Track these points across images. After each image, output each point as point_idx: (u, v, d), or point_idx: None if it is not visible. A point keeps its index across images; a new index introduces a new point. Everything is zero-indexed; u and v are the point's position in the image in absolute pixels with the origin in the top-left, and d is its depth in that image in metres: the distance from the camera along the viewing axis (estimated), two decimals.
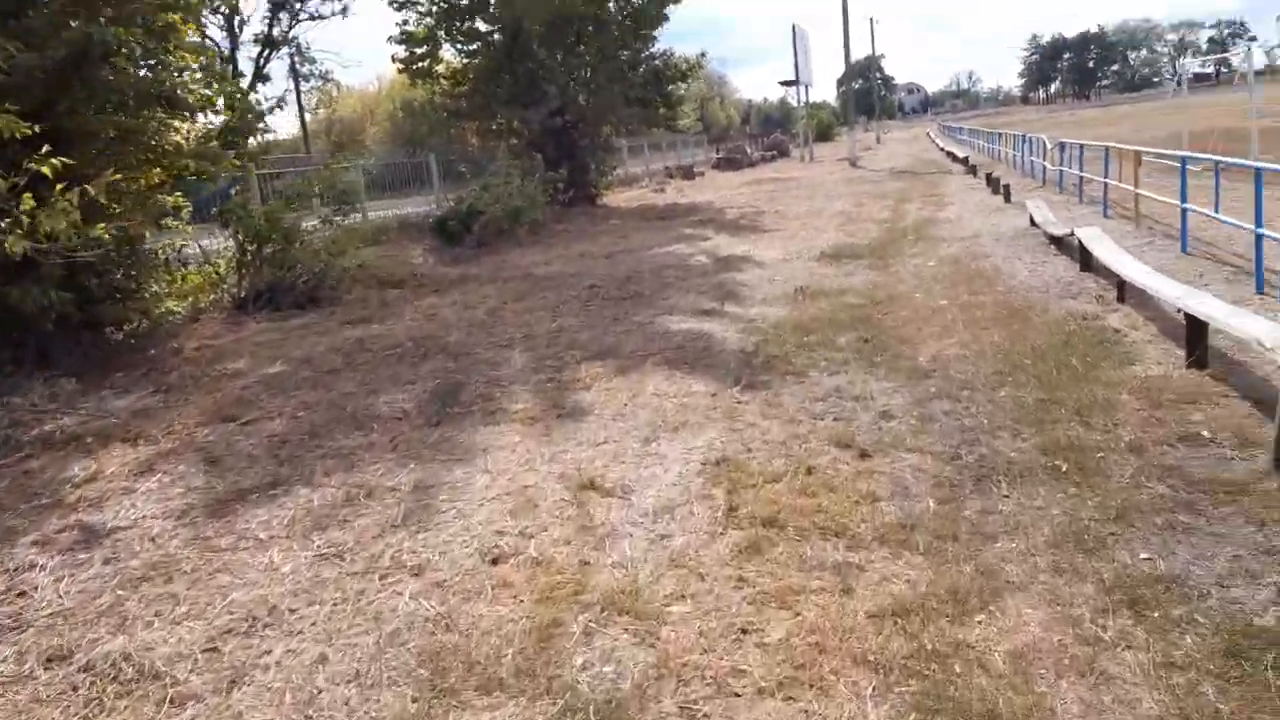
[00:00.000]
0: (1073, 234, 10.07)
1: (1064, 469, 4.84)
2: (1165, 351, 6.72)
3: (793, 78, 47.91)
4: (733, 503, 4.80)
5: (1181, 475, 4.62)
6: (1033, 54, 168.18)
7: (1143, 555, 3.93)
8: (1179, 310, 6.31)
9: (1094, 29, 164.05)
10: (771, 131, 78.75)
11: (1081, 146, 16.35)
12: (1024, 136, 24.22)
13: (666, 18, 26.26)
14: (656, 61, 26.46)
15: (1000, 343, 7.42)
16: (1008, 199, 17.79)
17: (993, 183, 19.93)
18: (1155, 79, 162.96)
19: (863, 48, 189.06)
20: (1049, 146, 20.07)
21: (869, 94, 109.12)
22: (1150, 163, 14.04)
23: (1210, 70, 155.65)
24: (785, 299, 10.36)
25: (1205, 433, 5.06)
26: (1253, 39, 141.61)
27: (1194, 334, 6.13)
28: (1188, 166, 10.62)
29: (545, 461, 5.70)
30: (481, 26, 24.94)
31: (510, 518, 4.89)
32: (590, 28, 24.65)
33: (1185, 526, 4.13)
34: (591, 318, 10.18)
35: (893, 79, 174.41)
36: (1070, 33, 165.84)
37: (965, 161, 28.61)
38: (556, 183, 21.33)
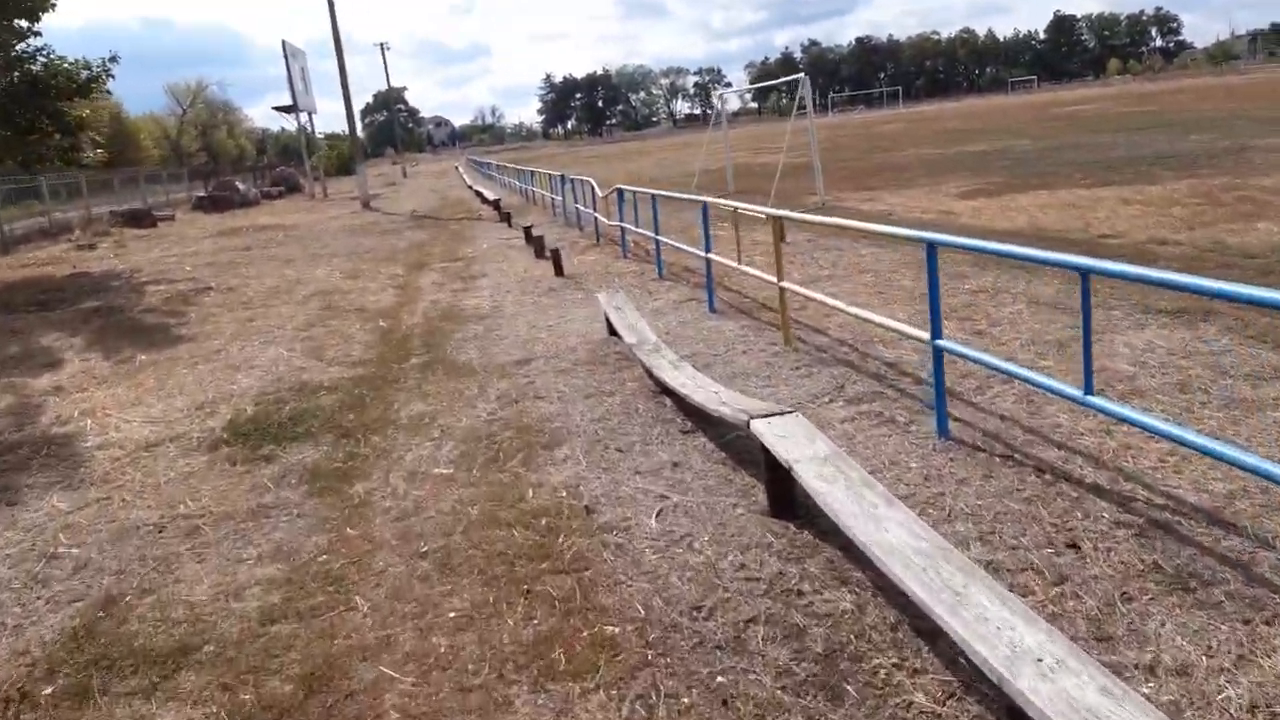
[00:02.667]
0: (749, 426, 4.23)
1: None
2: None
3: (289, 103, 39.64)
4: None
5: None
6: (548, 93, 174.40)
7: None
8: None
9: (599, 71, 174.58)
10: (285, 164, 68.82)
11: (654, 198, 11.19)
12: (563, 178, 19.19)
13: (51, 4, 17.20)
14: (35, 67, 17.21)
15: None
16: (559, 270, 12.16)
17: (535, 242, 14.31)
18: (654, 119, 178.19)
19: (381, 79, 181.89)
20: (599, 193, 14.94)
21: (392, 125, 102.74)
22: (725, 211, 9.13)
23: (698, 111, 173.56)
24: None
25: None
26: (728, 84, 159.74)
27: None
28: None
29: None
30: None
31: None
32: None
33: None
34: None
35: (419, 111, 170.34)
36: (579, 74, 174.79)
37: (497, 205, 23.15)
38: None
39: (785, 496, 4.08)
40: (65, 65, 17.34)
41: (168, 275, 15.96)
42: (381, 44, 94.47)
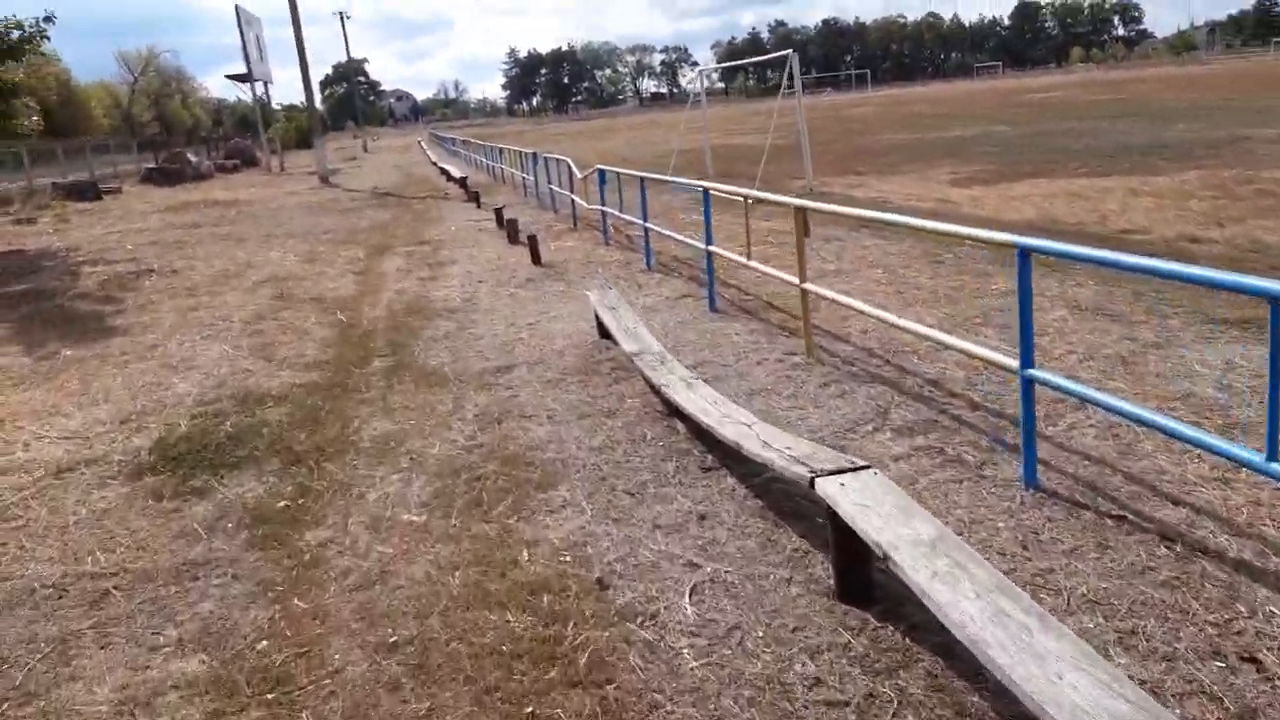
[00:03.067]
0: (813, 486, 3.32)
1: None
2: None
3: (244, 72, 37.82)
4: None
5: None
6: (513, 68, 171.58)
7: None
8: None
9: (565, 47, 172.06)
10: (241, 136, 66.31)
11: (642, 181, 10.19)
12: (536, 156, 18.07)
13: None
14: None
15: None
16: (536, 258, 11.14)
17: (508, 225, 13.24)
18: (620, 96, 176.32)
19: (340, 50, 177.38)
20: (577, 174, 13.89)
21: (352, 98, 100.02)
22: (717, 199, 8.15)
23: (665, 90, 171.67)
24: None
25: None
26: (695, 63, 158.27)
27: None
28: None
29: None
30: None
31: None
32: None
33: None
34: None
35: (380, 84, 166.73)
36: (545, 49, 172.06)
37: (464, 184, 21.97)
38: None
39: (858, 577, 3.18)
40: None
41: (108, 255, 14.66)
42: (341, 13, 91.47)
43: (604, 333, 7.08)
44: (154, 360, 7.81)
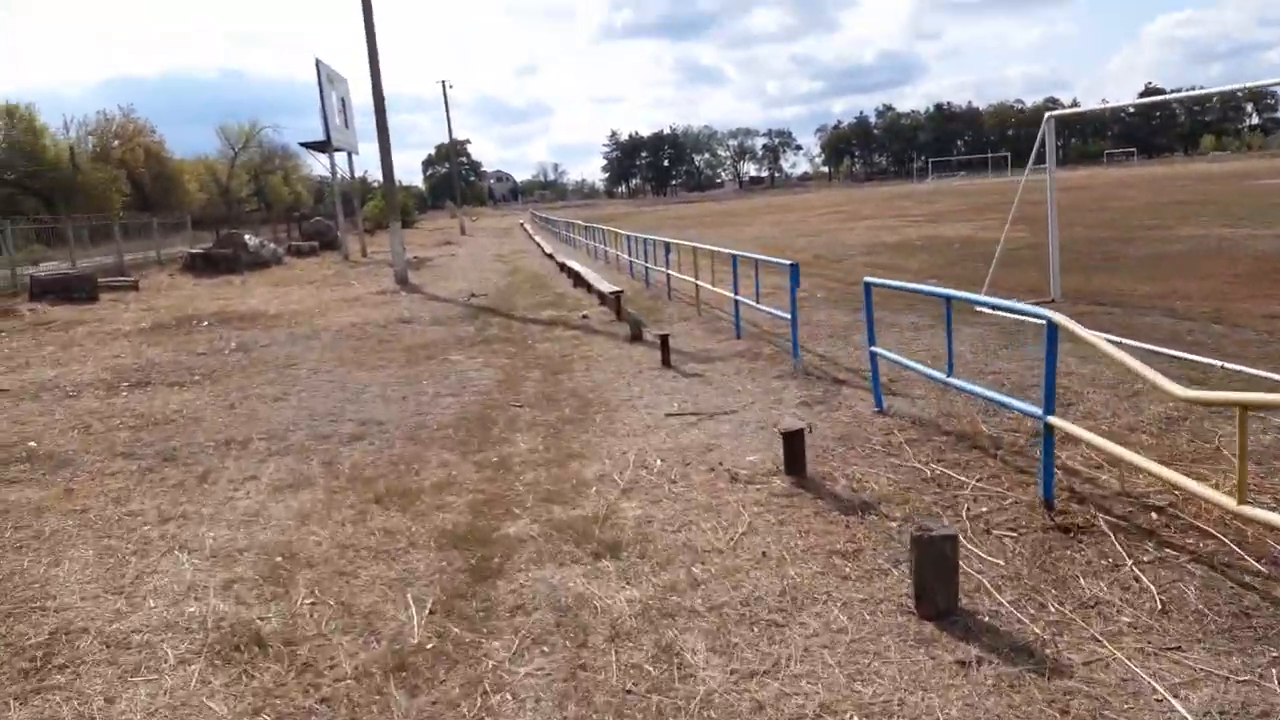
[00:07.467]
0: None
1: None
2: None
3: (322, 138, 30.23)
4: None
5: None
6: (614, 150, 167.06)
7: None
8: None
9: (666, 130, 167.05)
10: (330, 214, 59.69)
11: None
12: (797, 271, 8.71)
13: None
14: None
15: None
16: None
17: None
18: (717, 180, 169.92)
19: (443, 133, 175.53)
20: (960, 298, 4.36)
21: (453, 178, 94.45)
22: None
23: (765, 173, 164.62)
24: None
25: None
26: (798, 147, 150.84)
27: None
28: None
29: None
30: None
31: None
32: None
33: None
34: None
35: (480, 165, 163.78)
36: (645, 132, 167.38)
37: (617, 305, 12.82)
38: None
39: None
40: None
41: None
42: (443, 81, 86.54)
43: None
44: None
